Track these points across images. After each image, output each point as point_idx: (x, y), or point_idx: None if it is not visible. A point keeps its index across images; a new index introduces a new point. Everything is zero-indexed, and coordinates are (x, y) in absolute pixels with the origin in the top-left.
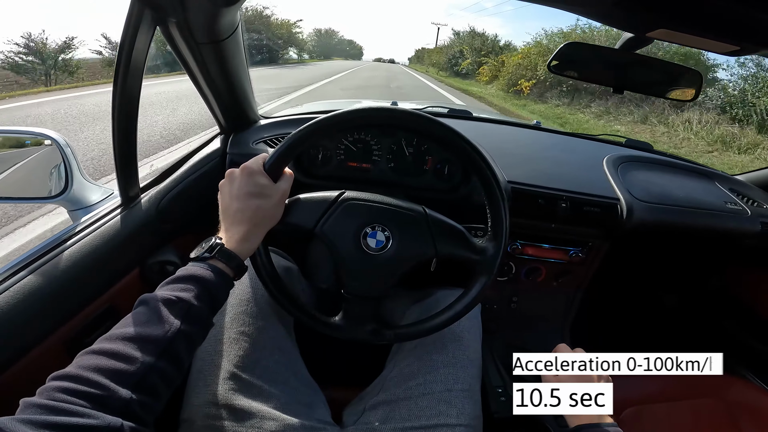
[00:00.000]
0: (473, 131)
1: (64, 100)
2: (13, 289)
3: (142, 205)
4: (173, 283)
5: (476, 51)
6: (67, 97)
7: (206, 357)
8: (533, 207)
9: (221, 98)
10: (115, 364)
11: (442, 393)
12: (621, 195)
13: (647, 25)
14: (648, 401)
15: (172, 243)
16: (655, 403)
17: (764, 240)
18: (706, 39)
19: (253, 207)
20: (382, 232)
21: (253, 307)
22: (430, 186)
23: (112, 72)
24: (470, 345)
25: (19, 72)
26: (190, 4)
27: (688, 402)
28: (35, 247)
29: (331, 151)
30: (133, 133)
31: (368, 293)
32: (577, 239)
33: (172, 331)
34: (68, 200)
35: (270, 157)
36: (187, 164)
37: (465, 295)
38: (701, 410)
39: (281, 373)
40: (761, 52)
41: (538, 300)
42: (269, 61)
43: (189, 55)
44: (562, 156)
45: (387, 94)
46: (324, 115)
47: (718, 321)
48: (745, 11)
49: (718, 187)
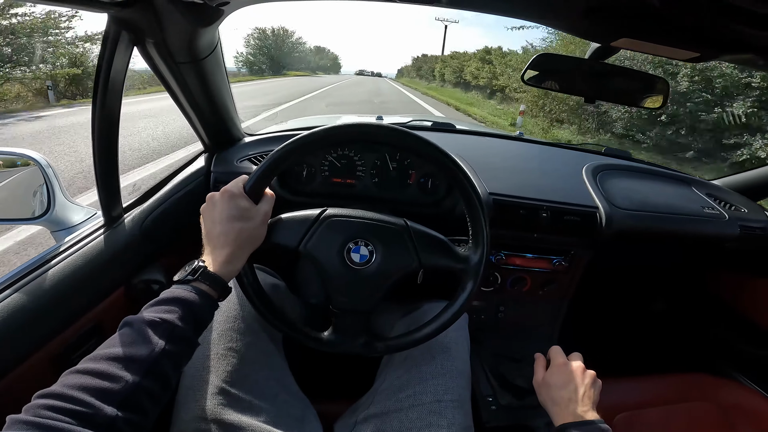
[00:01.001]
0: (456, 144)
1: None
2: (1, 306)
3: (125, 225)
4: (157, 305)
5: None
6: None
7: (195, 373)
8: (515, 217)
9: (204, 116)
10: (100, 383)
11: (432, 404)
12: (600, 203)
13: (612, 35)
14: (640, 406)
15: (157, 262)
16: (647, 408)
17: (744, 242)
18: (668, 47)
19: (235, 230)
20: (366, 247)
21: (240, 323)
22: (414, 200)
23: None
24: (459, 355)
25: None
26: (167, 25)
27: (682, 406)
28: (19, 266)
29: (315, 168)
30: (114, 154)
31: (356, 307)
32: (560, 248)
33: (156, 350)
34: (51, 221)
35: (249, 179)
36: (170, 183)
37: (452, 303)
38: (695, 414)
39: (271, 387)
40: (721, 58)
41: (525, 309)
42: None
43: (169, 74)
44: (543, 166)
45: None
46: (301, 134)
47: (705, 325)
48: (702, 20)
49: (696, 193)
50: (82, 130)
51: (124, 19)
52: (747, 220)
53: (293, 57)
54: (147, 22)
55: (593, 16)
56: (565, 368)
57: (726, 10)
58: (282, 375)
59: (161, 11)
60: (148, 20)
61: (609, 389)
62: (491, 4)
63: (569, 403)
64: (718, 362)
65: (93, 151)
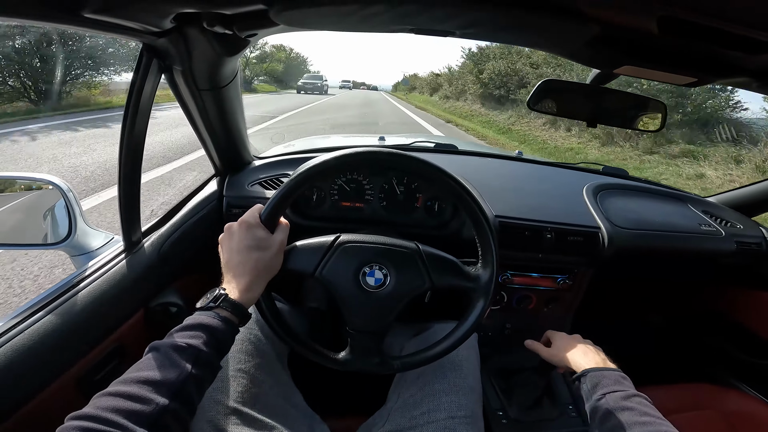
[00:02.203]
0: (459, 166)
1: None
2: (28, 330)
3: (144, 249)
4: (182, 330)
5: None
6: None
7: (207, 394)
8: (520, 239)
9: (218, 141)
10: (131, 405)
11: (446, 421)
12: (601, 224)
13: (614, 63)
14: None
15: (174, 285)
16: None
17: (740, 258)
18: (667, 73)
19: (253, 259)
20: (380, 270)
21: (248, 345)
22: (422, 223)
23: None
24: (470, 373)
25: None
26: (195, 54)
27: (686, 415)
28: (48, 290)
29: (325, 192)
30: (137, 179)
31: (371, 328)
32: (564, 267)
33: (183, 374)
34: (72, 246)
35: (265, 209)
36: (185, 208)
37: (464, 321)
38: (699, 422)
39: (281, 406)
40: (717, 81)
41: (530, 325)
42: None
43: (191, 100)
44: (544, 187)
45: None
46: (312, 162)
47: (704, 336)
48: (699, 47)
49: (692, 210)
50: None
51: (156, 47)
52: (743, 236)
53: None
54: (177, 51)
55: (596, 45)
56: (567, 335)
57: (721, 36)
58: (290, 393)
59: (192, 41)
60: (179, 49)
61: None
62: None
63: (587, 352)
64: (719, 372)
65: (118, 177)
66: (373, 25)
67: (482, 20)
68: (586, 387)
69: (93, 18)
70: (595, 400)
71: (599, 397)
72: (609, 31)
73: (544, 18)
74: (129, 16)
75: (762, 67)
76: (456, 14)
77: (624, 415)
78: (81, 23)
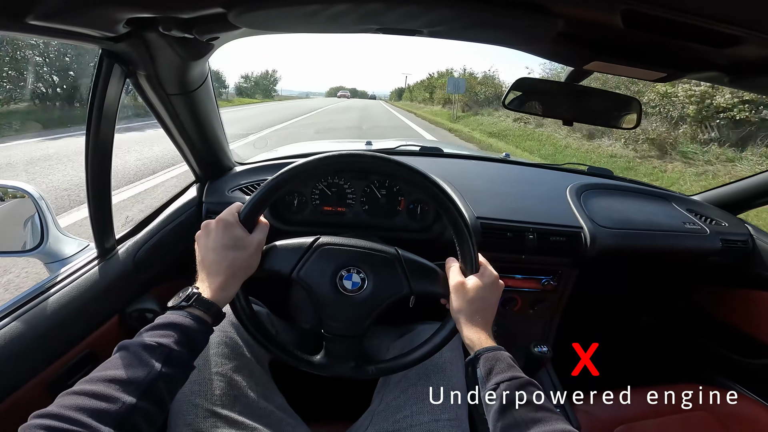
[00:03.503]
0: (443, 168)
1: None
2: None
3: (119, 256)
4: (152, 330)
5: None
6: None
7: (182, 398)
8: (503, 240)
9: (195, 147)
10: (96, 404)
11: (430, 423)
12: (584, 223)
13: (582, 59)
14: (639, 418)
15: (151, 291)
16: (646, 420)
17: (726, 256)
18: (636, 68)
19: (229, 258)
20: (357, 274)
21: (224, 348)
22: (404, 226)
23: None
24: (454, 375)
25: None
26: (158, 59)
27: (680, 416)
28: (17, 296)
29: (306, 197)
30: (107, 185)
31: (348, 332)
32: (548, 268)
33: (153, 373)
34: (44, 253)
35: (244, 208)
36: (163, 214)
37: (443, 327)
38: (693, 424)
39: (263, 407)
40: (687, 76)
41: (517, 327)
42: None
43: (160, 106)
44: (528, 188)
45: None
46: (293, 164)
47: (695, 338)
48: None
49: (676, 209)
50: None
51: (116, 53)
52: (728, 234)
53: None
54: (139, 55)
55: (563, 41)
56: (488, 269)
57: (686, 30)
58: (272, 395)
59: (152, 45)
60: (140, 54)
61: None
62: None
63: (483, 312)
64: (711, 372)
65: (86, 182)
66: (339, 26)
67: (448, 18)
68: (480, 372)
69: (40, 25)
70: (489, 390)
71: (492, 387)
72: (574, 27)
73: (508, 15)
74: (78, 23)
75: (731, 62)
76: (421, 12)
77: (520, 412)
78: (28, 30)
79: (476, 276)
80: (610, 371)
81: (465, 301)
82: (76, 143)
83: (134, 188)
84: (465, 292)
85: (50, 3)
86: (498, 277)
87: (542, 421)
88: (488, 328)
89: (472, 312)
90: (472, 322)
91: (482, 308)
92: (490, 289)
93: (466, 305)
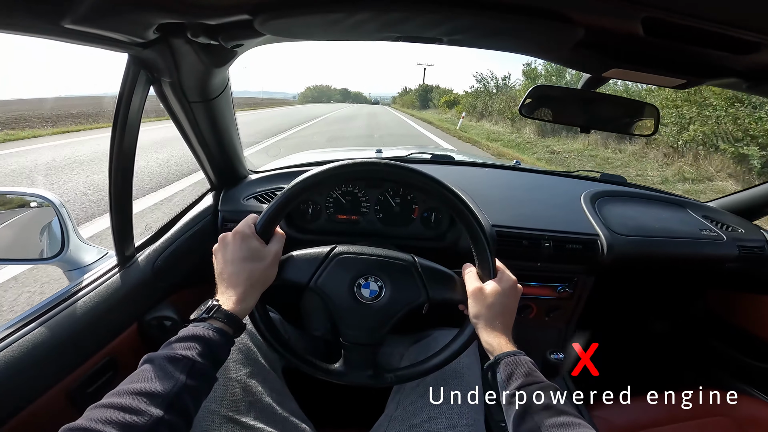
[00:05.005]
0: (457, 176)
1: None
2: (18, 343)
3: (138, 264)
4: (176, 342)
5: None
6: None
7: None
8: (518, 248)
9: (212, 155)
10: (125, 417)
11: (447, 429)
12: (600, 231)
13: (602, 66)
14: (658, 424)
15: (169, 299)
16: (665, 426)
17: (744, 262)
18: (656, 75)
19: (247, 270)
20: (375, 282)
21: (238, 354)
22: (418, 234)
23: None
24: (471, 381)
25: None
26: (183, 66)
27: (698, 422)
28: (38, 304)
29: (320, 205)
30: (129, 194)
31: (366, 340)
32: (563, 275)
33: (177, 385)
34: (65, 261)
35: (260, 220)
36: (180, 222)
37: (460, 334)
38: (712, 429)
39: (278, 413)
40: (706, 83)
41: (532, 334)
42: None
43: (181, 113)
44: (542, 196)
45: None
46: (308, 173)
47: (711, 343)
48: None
49: (692, 215)
50: None
51: (142, 59)
52: (745, 240)
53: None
54: (164, 62)
55: (583, 48)
56: (506, 273)
57: (706, 37)
58: (286, 401)
59: (178, 52)
60: (166, 60)
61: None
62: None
63: (503, 316)
64: (728, 377)
65: (109, 192)
66: (361, 34)
67: (469, 27)
68: (500, 377)
69: (75, 29)
70: (509, 394)
71: (512, 392)
72: (595, 35)
73: (530, 23)
74: (111, 27)
75: (750, 68)
76: (443, 21)
77: (542, 416)
78: (63, 35)
79: (494, 281)
80: (626, 376)
81: (484, 306)
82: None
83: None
84: (484, 297)
85: (86, 4)
86: (516, 282)
87: (564, 426)
88: (508, 333)
89: (492, 317)
90: (492, 327)
91: (501, 313)
92: (509, 293)
93: (485, 310)
